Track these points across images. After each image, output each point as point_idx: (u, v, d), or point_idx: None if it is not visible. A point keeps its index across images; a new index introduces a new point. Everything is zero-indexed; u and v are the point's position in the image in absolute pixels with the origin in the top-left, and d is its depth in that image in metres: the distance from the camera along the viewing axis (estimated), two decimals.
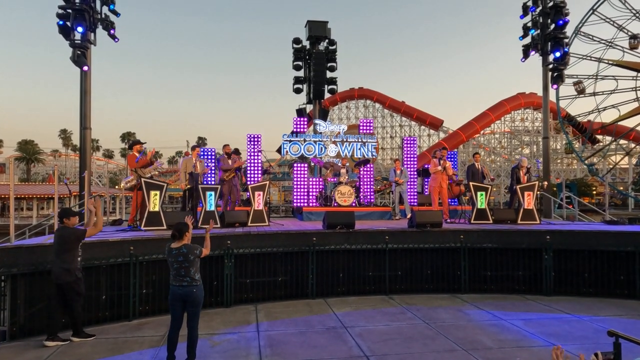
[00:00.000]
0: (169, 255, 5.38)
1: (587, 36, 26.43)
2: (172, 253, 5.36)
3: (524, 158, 12.82)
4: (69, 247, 6.27)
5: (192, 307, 5.37)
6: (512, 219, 11.03)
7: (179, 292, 5.31)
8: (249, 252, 8.53)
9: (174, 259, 5.33)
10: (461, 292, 9.28)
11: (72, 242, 6.31)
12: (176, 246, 5.38)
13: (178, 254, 5.33)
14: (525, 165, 12.09)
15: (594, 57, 26.50)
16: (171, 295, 5.37)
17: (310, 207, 12.96)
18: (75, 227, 6.53)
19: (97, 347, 6.20)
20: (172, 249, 5.38)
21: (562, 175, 54.41)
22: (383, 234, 9.31)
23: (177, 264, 5.32)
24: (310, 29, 18.30)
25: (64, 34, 12.29)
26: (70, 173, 69.36)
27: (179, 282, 5.32)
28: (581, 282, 9.29)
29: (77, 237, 6.37)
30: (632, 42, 25.38)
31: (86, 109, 12.90)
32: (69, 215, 6.52)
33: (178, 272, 5.32)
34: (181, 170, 10.80)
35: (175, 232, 5.43)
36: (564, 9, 15.20)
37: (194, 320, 5.39)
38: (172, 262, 5.35)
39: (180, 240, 5.41)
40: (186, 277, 5.32)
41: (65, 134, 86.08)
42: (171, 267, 5.37)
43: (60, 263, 6.22)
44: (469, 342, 6.36)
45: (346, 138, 13.96)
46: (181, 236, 5.43)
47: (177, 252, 5.34)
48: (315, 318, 7.58)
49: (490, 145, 60.96)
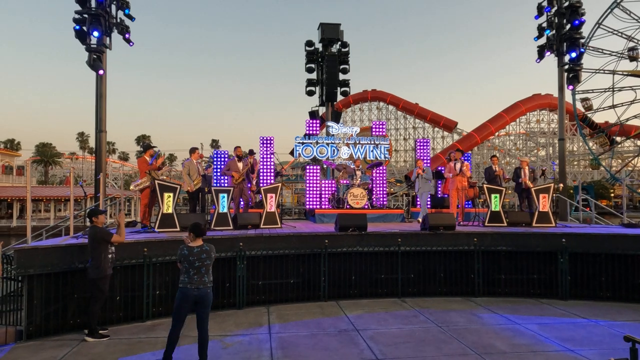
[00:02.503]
0: (191, 254, 5.33)
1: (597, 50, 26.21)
2: (194, 251, 5.34)
3: (524, 158, 12.73)
4: (95, 245, 6.56)
5: (204, 308, 5.39)
6: (527, 222, 10.90)
7: (194, 294, 5.29)
8: (261, 254, 8.56)
9: (197, 257, 5.32)
10: (475, 295, 9.19)
11: (97, 241, 6.57)
12: (196, 244, 5.40)
13: (201, 252, 5.35)
14: (526, 163, 12.02)
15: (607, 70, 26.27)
16: (183, 297, 5.31)
17: (323, 210, 12.95)
18: (103, 228, 6.76)
19: (110, 347, 6.27)
20: (192, 248, 5.36)
21: (578, 178, 53.59)
22: (395, 237, 9.26)
23: (200, 262, 5.31)
24: (323, 31, 18.35)
25: (80, 38, 12.48)
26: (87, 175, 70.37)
27: (197, 284, 5.28)
28: (598, 286, 9.13)
29: (102, 237, 6.60)
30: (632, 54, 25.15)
31: (102, 113, 13.07)
32: (96, 214, 6.84)
33: (199, 271, 5.30)
34: (183, 173, 10.88)
35: (195, 230, 5.43)
36: (580, 9, 14.96)
37: (205, 321, 5.41)
38: (193, 261, 5.30)
39: (197, 238, 5.45)
40: (205, 276, 5.34)
41: (82, 137, 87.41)
42: (191, 267, 5.30)
43: (90, 260, 6.58)
44: (482, 346, 6.29)
45: (359, 140, 13.95)
46: (201, 234, 5.47)
47: (199, 249, 5.36)
48: (327, 320, 7.56)
49: (505, 147, 60.33)
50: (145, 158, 9.80)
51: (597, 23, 26.19)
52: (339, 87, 18.17)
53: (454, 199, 11.90)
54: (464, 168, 11.75)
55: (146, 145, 10.10)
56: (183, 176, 10.85)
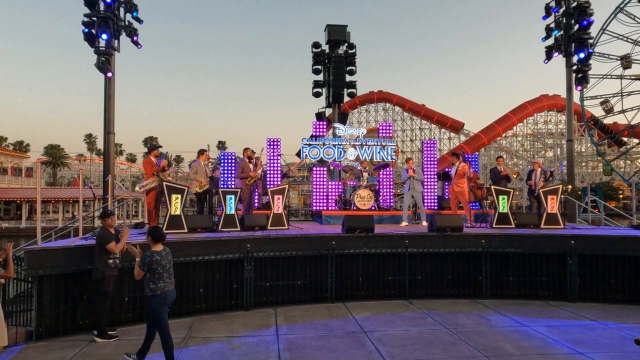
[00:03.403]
0: (162, 259, 5.47)
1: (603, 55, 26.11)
2: (163, 254, 5.52)
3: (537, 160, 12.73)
4: (96, 247, 6.69)
5: (169, 308, 5.61)
6: (535, 224, 10.83)
7: (171, 295, 5.53)
8: (268, 255, 8.57)
9: (167, 260, 5.53)
10: (482, 297, 9.14)
11: (97, 243, 6.69)
12: (160, 249, 5.55)
13: (167, 254, 5.59)
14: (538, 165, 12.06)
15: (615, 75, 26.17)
16: (162, 302, 5.43)
17: (330, 211, 12.95)
18: (107, 232, 6.77)
19: (119, 348, 6.30)
20: (161, 252, 5.52)
21: (587, 179, 53.19)
22: (403, 238, 9.24)
23: (169, 264, 5.56)
24: (330, 33, 18.36)
25: (89, 41, 12.58)
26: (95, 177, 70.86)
27: (171, 286, 5.52)
28: (607, 289, 9.06)
29: (100, 240, 6.67)
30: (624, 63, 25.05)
31: (110, 114, 13.15)
32: (103, 216, 6.93)
33: (170, 273, 5.53)
34: (192, 174, 10.93)
35: (154, 235, 5.57)
36: (588, 9, 14.87)
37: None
38: (165, 264, 5.48)
39: (157, 243, 5.59)
40: (172, 277, 5.60)
41: (90, 139, 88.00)
42: (165, 271, 5.46)
43: (94, 260, 6.71)
44: (490, 348, 6.26)
45: (365, 141, 13.93)
46: (161, 239, 5.62)
47: (166, 252, 5.58)
48: (334, 322, 7.56)
49: (512, 148, 59.99)
50: (150, 159, 9.80)
51: (601, 29, 26.13)
52: (346, 89, 18.18)
53: (452, 201, 11.85)
54: (458, 171, 11.58)
55: (152, 146, 10.07)
56: (192, 177, 10.90)
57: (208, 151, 11.65)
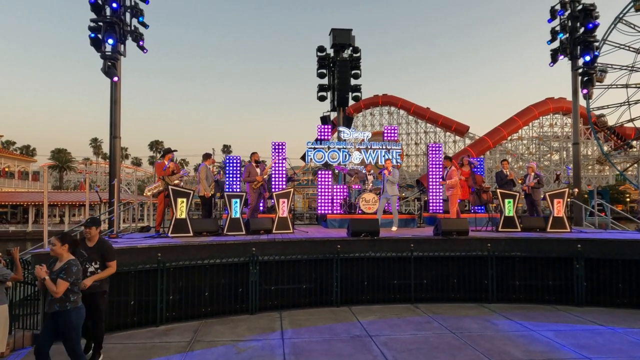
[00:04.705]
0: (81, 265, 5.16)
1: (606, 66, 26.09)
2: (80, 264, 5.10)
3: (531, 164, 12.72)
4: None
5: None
6: (541, 227, 10.78)
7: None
8: (273, 259, 8.57)
9: (83, 269, 5.19)
10: (489, 301, 9.09)
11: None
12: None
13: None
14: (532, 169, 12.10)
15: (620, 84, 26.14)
16: (83, 313, 5.09)
17: (335, 215, 12.94)
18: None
19: (124, 352, 6.31)
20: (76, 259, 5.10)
21: (593, 182, 52.89)
22: (408, 242, 9.21)
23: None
24: (335, 36, 18.41)
25: (95, 46, 12.67)
26: (101, 181, 71.25)
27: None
28: (615, 293, 8.98)
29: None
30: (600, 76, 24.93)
31: (116, 119, 13.22)
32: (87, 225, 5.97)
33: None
34: (201, 177, 10.96)
35: (71, 243, 5.11)
36: (594, 12, 14.83)
37: None
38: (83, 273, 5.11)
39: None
40: None
41: (96, 143, 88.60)
42: (78, 279, 4.98)
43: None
44: (497, 353, 6.22)
45: (370, 145, 13.93)
46: (77, 246, 5.24)
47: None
48: (339, 326, 7.54)
49: (517, 151, 59.80)
50: (163, 162, 9.83)
51: (602, 39, 26.13)
52: (351, 92, 18.20)
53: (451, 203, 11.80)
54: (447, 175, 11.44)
55: (166, 150, 10.12)
56: (200, 181, 10.92)
57: (213, 155, 11.67)
